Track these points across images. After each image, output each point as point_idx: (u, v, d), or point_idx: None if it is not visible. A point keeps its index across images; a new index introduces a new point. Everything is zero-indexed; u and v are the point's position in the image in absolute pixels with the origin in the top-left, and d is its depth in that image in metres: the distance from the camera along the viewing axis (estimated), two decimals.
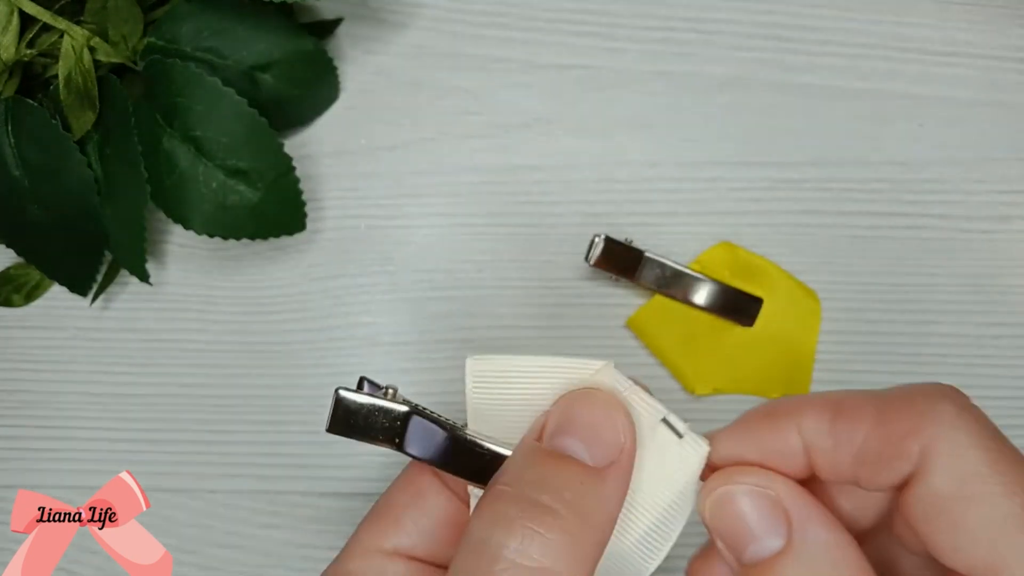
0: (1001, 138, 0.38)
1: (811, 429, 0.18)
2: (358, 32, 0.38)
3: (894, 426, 0.17)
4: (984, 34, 0.39)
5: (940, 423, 0.16)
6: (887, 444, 0.17)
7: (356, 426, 0.21)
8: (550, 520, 0.17)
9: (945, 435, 0.16)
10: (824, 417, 0.18)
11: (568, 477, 0.18)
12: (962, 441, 0.16)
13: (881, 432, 0.17)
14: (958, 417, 0.17)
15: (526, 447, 0.19)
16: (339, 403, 0.21)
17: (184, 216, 0.32)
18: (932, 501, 0.16)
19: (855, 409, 0.17)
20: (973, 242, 0.37)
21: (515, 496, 0.18)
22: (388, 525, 0.22)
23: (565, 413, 0.19)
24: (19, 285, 0.36)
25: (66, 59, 0.31)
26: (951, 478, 0.16)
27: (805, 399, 0.18)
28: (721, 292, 0.35)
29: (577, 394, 0.19)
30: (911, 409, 0.17)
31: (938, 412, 0.17)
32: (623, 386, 0.19)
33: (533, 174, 0.37)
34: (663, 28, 0.38)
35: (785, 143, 0.37)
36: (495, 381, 0.21)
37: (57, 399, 0.36)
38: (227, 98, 0.31)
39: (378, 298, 0.36)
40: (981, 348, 0.36)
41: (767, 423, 0.19)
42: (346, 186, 0.37)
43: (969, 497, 0.16)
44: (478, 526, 0.18)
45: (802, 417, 0.18)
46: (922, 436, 0.16)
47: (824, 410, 0.18)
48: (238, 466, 0.35)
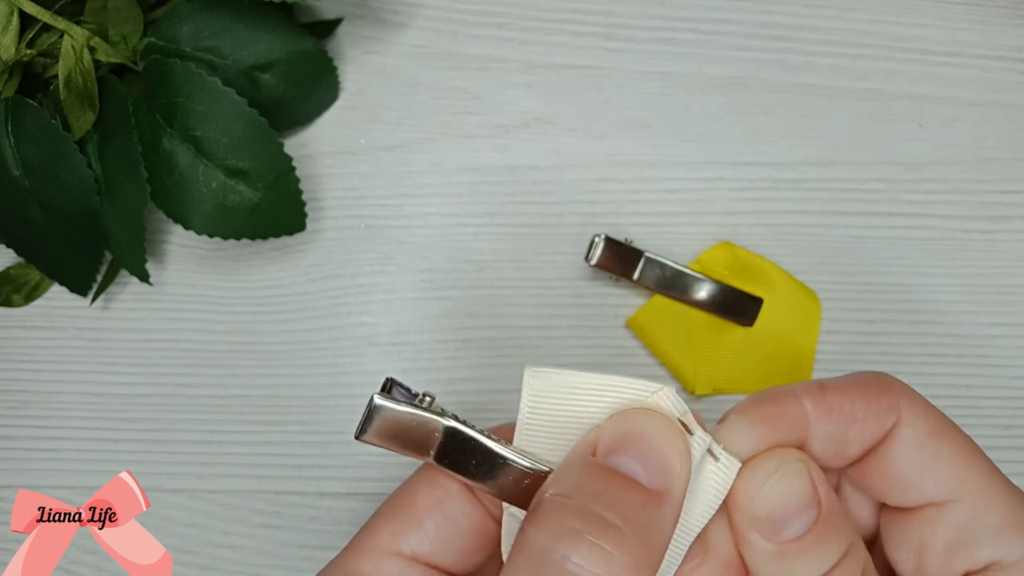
0: (1001, 138, 0.38)
1: (810, 399, 0.20)
2: (358, 32, 0.38)
3: (872, 389, 0.20)
4: (984, 34, 0.39)
5: (904, 387, 0.20)
6: (873, 402, 0.20)
7: (388, 435, 0.19)
8: (616, 537, 0.17)
9: (916, 398, 0.20)
10: (815, 389, 0.20)
11: (630, 497, 0.18)
12: (923, 401, 0.20)
13: (864, 394, 0.20)
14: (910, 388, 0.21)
15: (582, 460, 0.19)
16: (374, 411, 0.19)
17: (184, 216, 0.32)
18: (915, 440, 0.20)
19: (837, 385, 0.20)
20: (973, 242, 0.37)
21: (578, 509, 0.17)
22: (409, 527, 0.20)
23: (623, 431, 0.19)
24: (19, 285, 0.36)
25: (66, 59, 0.31)
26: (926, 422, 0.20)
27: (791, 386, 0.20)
28: (721, 292, 0.35)
29: (635, 413, 0.19)
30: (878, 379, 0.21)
31: (898, 382, 0.21)
32: (679, 411, 0.19)
33: (533, 174, 0.37)
34: (663, 28, 0.38)
35: (785, 143, 0.37)
36: (551, 397, 0.19)
37: (57, 399, 0.36)
38: (227, 98, 0.31)
39: (378, 298, 0.36)
40: (981, 348, 0.36)
41: (773, 401, 0.20)
42: (346, 186, 0.37)
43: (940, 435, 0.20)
44: (538, 535, 0.17)
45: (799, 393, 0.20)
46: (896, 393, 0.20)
47: (812, 387, 0.20)
48: (238, 466, 0.35)
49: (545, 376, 0.19)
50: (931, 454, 0.20)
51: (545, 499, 0.18)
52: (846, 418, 0.20)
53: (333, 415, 0.35)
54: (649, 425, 0.19)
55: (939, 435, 0.20)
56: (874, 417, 0.20)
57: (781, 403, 0.20)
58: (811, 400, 0.20)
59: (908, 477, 0.20)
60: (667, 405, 0.19)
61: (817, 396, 0.20)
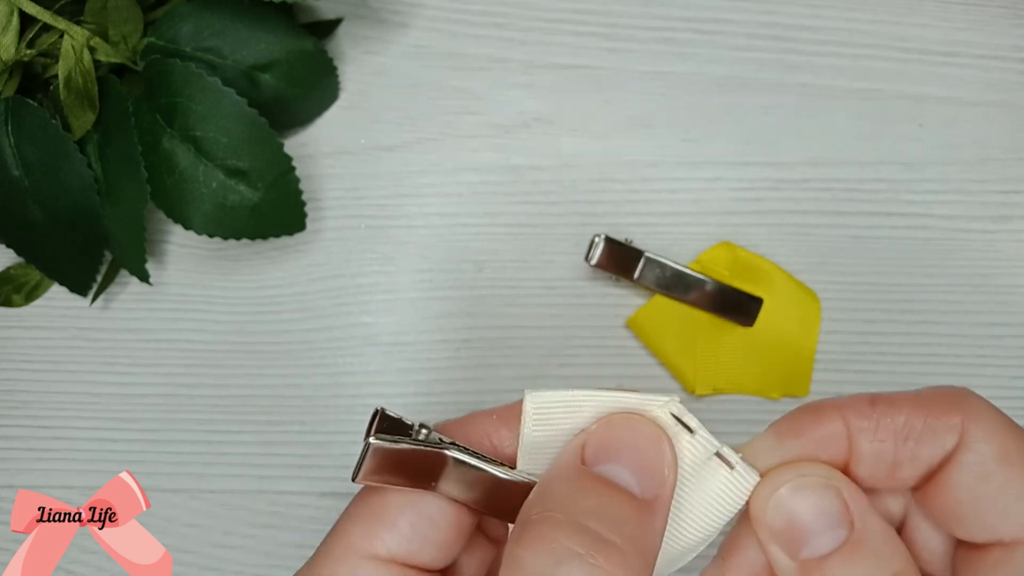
0: (1001, 138, 0.38)
1: (855, 416, 0.18)
2: (358, 32, 0.38)
3: (933, 405, 0.18)
4: (984, 34, 0.39)
5: (979, 405, 0.18)
6: (930, 418, 0.18)
7: (387, 473, 0.18)
8: (615, 556, 0.17)
9: (986, 413, 0.18)
10: (863, 403, 0.18)
11: (624, 510, 0.17)
12: (1002, 421, 0.18)
13: (923, 410, 0.18)
14: (988, 403, 0.18)
15: (572, 470, 0.18)
16: (374, 454, 0.18)
17: (184, 216, 0.32)
18: (980, 466, 0.17)
19: (891, 397, 0.18)
20: (973, 242, 0.37)
21: (574, 527, 0.17)
22: (383, 528, 0.20)
23: (611, 437, 0.18)
24: (19, 285, 0.36)
25: (66, 59, 0.31)
26: (997, 446, 0.17)
27: (838, 399, 0.19)
28: (721, 292, 0.35)
29: (622, 419, 0.19)
30: (946, 395, 0.18)
31: (974, 399, 0.18)
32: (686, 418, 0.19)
33: (533, 174, 0.37)
34: (663, 28, 0.38)
35: (785, 143, 0.37)
36: (553, 416, 0.19)
37: (57, 399, 0.36)
38: (227, 98, 0.31)
39: (378, 298, 0.36)
40: (981, 348, 0.36)
41: (811, 416, 0.19)
42: (346, 186, 0.37)
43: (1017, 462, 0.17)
44: (535, 560, 0.17)
45: (844, 408, 0.18)
46: (963, 412, 0.17)
47: (861, 400, 0.18)
48: (238, 466, 0.35)
49: (547, 396, 0.19)
50: (999, 484, 0.17)
51: (536, 517, 0.17)
52: (896, 436, 0.18)
53: (333, 415, 0.35)
54: (637, 431, 0.18)
55: (1011, 462, 0.17)
56: (930, 436, 0.18)
57: (818, 417, 0.18)
58: (856, 414, 0.18)
59: (970, 509, 0.17)
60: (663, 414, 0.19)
61: (863, 410, 0.18)
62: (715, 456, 0.19)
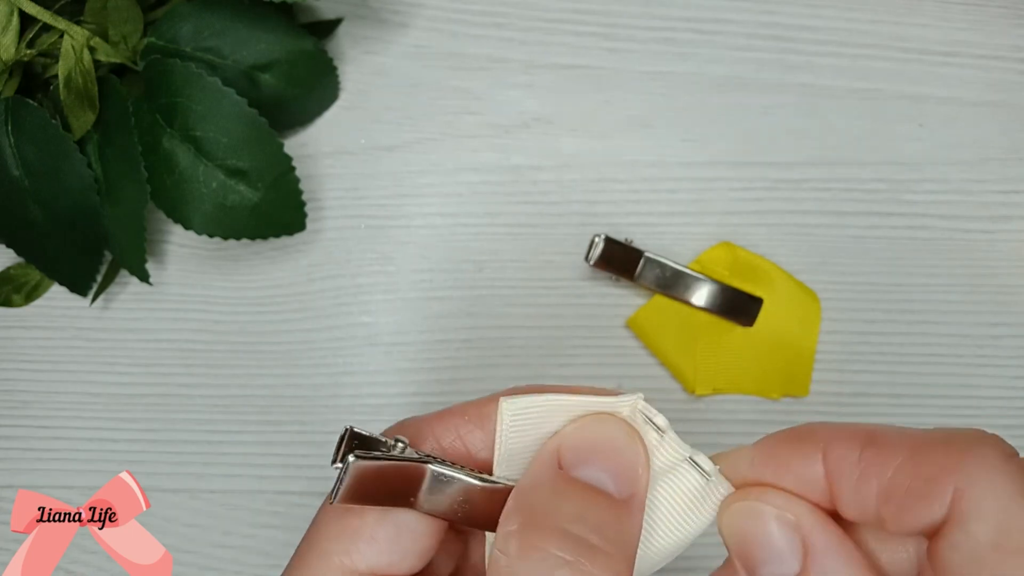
0: (1001, 138, 0.38)
1: (838, 456, 0.17)
2: (358, 32, 0.38)
3: (929, 463, 0.15)
4: (984, 34, 0.39)
5: (981, 466, 0.15)
6: (918, 481, 0.15)
7: (366, 494, 0.18)
8: (601, 560, 0.17)
9: (987, 479, 0.15)
10: (854, 445, 0.17)
11: (604, 513, 0.18)
12: (1007, 489, 0.14)
13: (914, 467, 0.15)
14: (1003, 463, 0.15)
15: (551, 475, 0.18)
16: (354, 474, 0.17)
17: (184, 216, 0.32)
18: (971, 551, 0.14)
19: (889, 441, 0.16)
20: (973, 242, 0.37)
21: (561, 535, 0.17)
22: (361, 542, 0.19)
23: (586, 440, 0.19)
24: (19, 285, 0.36)
25: (66, 59, 0.31)
26: (994, 527, 0.14)
27: (837, 426, 0.17)
28: (721, 292, 0.35)
29: (594, 422, 0.19)
30: (949, 447, 0.15)
31: (980, 455, 0.15)
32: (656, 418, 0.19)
33: (533, 174, 0.37)
34: (663, 28, 0.38)
35: (785, 143, 0.37)
36: (528, 421, 0.19)
37: (57, 399, 0.36)
38: (227, 98, 0.31)
39: (378, 298, 0.36)
40: (981, 348, 0.36)
41: (791, 446, 0.18)
42: (346, 186, 0.37)
43: (1015, 550, 0.14)
44: (527, 569, 0.17)
45: (830, 443, 0.17)
46: (959, 476, 0.15)
47: (855, 439, 0.17)
48: (237, 466, 0.35)
49: (521, 401, 0.19)
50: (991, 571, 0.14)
51: (522, 526, 0.17)
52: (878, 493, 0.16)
53: (333, 415, 0.35)
54: (610, 432, 0.19)
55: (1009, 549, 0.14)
56: (914, 503, 0.15)
57: (799, 450, 0.17)
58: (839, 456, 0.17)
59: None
60: (631, 412, 0.19)
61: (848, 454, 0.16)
62: (689, 461, 0.19)
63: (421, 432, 0.21)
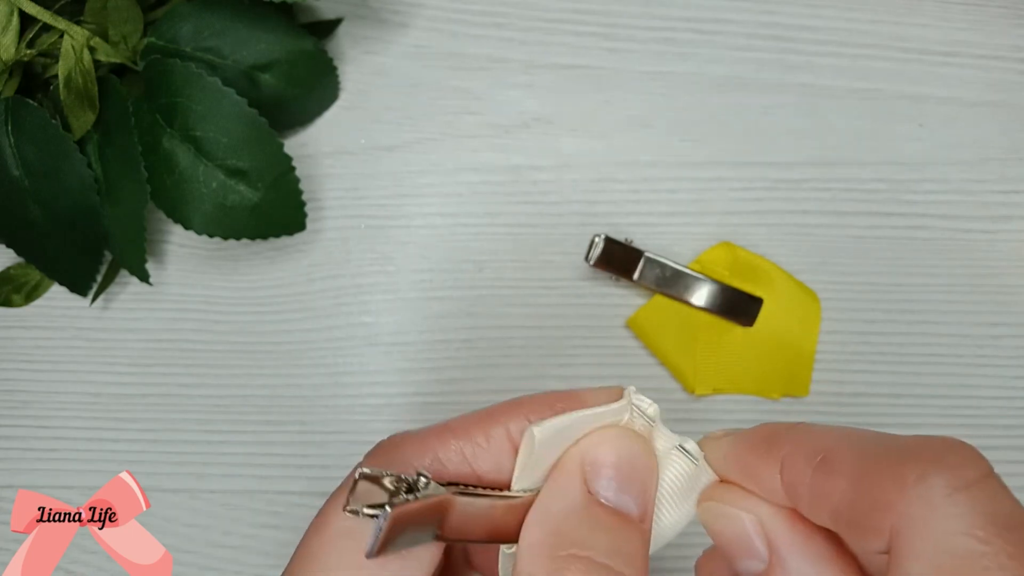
0: (1001, 138, 0.38)
1: (792, 473, 0.17)
2: (358, 32, 0.38)
3: (871, 494, 0.15)
4: (984, 34, 0.39)
5: (921, 503, 0.14)
6: (860, 513, 0.15)
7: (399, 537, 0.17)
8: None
9: (923, 520, 0.14)
10: (807, 464, 0.17)
11: (630, 538, 0.18)
12: (947, 528, 0.14)
13: (856, 496, 0.15)
14: (945, 498, 0.14)
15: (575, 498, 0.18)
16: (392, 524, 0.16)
17: (184, 216, 0.32)
18: None
19: (838, 463, 0.16)
20: (973, 242, 0.37)
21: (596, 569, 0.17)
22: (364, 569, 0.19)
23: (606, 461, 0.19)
24: (19, 285, 0.36)
25: (66, 59, 0.31)
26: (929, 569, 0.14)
27: (797, 436, 0.17)
28: (721, 292, 0.35)
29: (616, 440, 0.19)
30: (894, 476, 0.14)
31: (925, 488, 0.14)
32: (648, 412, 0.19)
33: (533, 174, 0.37)
34: (663, 28, 0.38)
35: (785, 143, 0.37)
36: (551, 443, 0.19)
37: (57, 399, 0.36)
38: (227, 98, 0.31)
39: (378, 298, 0.36)
40: (981, 348, 0.36)
41: (756, 454, 0.18)
42: (346, 186, 0.37)
43: None
44: None
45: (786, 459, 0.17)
46: (895, 514, 0.14)
47: (810, 456, 0.16)
48: (237, 466, 0.35)
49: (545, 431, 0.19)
50: None
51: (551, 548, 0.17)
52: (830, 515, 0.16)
53: (333, 415, 0.35)
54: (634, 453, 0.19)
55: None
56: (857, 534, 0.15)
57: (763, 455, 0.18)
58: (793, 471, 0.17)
59: None
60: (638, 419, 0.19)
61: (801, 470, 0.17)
62: (679, 448, 0.19)
63: (419, 450, 0.20)
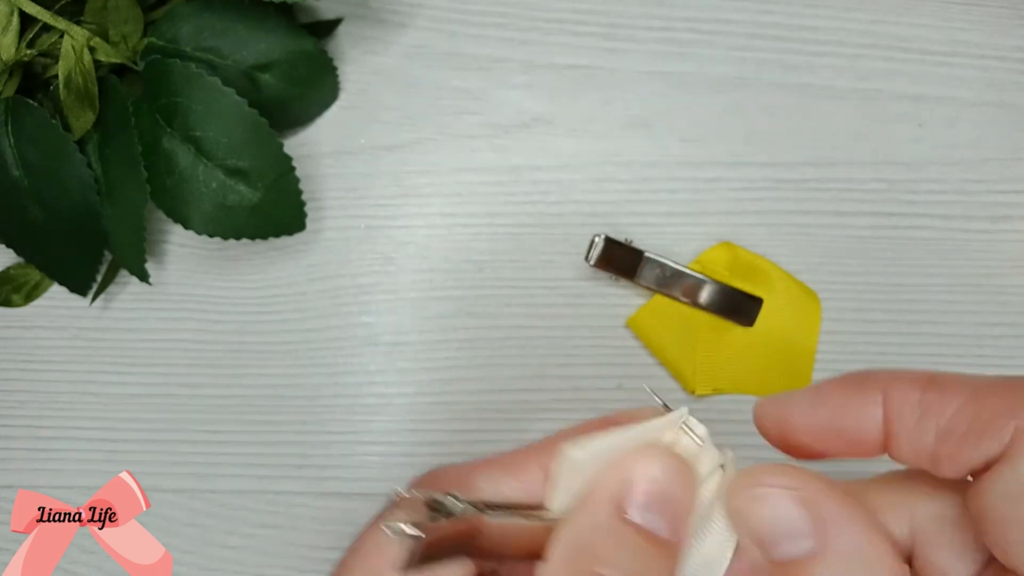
0: (1000, 138, 0.38)
1: (899, 397, 0.17)
2: (358, 32, 0.38)
3: (991, 404, 0.16)
4: (984, 34, 0.39)
5: None
6: (979, 419, 0.16)
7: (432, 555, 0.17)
8: None
9: None
10: (915, 387, 0.17)
11: (657, 561, 0.18)
12: None
13: (974, 407, 0.16)
14: None
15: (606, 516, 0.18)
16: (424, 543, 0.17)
17: (184, 216, 0.32)
18: (1012, 487, 0.15)
19: (950, 383, 0.17)
20: (972, 242, 0.37)
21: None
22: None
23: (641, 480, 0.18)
24: (19, 285, 0.36)
25: (66, 59, 0.31)
26: None
27: (896, 371, 0.18)
28: (721, 292, 0.35)
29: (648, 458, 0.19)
30: (1010, 390, 0.16)
31: None
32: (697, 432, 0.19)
33: (533, 174, 0.37)
34: (663, 28, 0.38)
35: (785, 143, 0.37)
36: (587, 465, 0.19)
37: (57, 399, 0.36)
38: (227, 98, 0.31)
39: (378, 298, 0.36)
40: (980, 348, 0.36)
41: (849, 389, 0.18)
42: (346, 186, 0.37)
43: None
44: None
45: (891, 385, 0.17)
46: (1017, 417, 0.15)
47: (915, 382, 0.17)
48: (238, 466, 0.35)
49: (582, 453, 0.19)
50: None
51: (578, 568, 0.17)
52: (937, 431, 0.16)
53: (333, 415, 0.35)
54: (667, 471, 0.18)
55: None
56: (974, 440, 0.16)
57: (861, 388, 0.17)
58: (901, 395, 0.17)
59: (995, 531, 0.16)
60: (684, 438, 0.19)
61: (910, 393, 0.17)
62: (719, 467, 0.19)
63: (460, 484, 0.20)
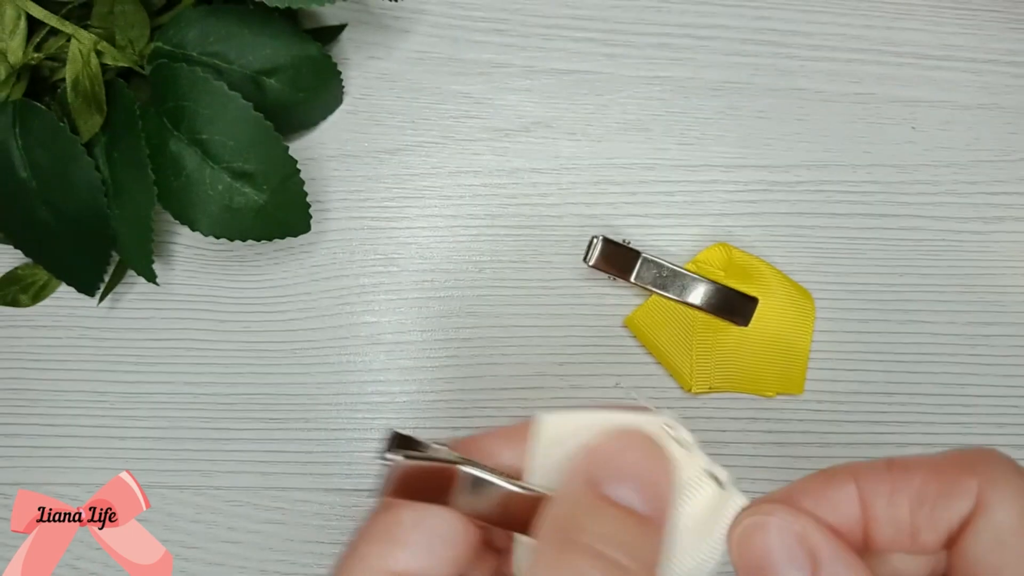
0: (993, 140, 0.38)
1: (869, 478, 0.18)
2: (361, 38, 0.39)
3: (949, 468, 0.17)
4: (976, 38, 0.39)
5: (998, 469, 0.17)
6: (944, 483, 0.17)
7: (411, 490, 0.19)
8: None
9: (1003, 476, 0.17)
10: (880, 468, 0.18)
11: (636, 533, 0.18)
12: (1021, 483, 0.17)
13: (937, 475, 0.18)
14: (1013, 466, 0.17)
15: (582, 492, 0.19)
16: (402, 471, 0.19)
17: (191, 218, 0.32)
18: (995, 536, 0.17)
19: (910, 461, 0.18)
20: (965, 243, 0.37)
21: (593, 555, 0.18)
22: (397, 547, 0.20)
23: (616, 459, 0.19)
24: (26, 285, 0.37)
25: (73, 63, 0.32)
26: (1015, 513, 0.16)
27: (858, 462, 0.19)
28: (717, 292, 0.35)
29: (621, 438, 0.20)
30: (964, 456, 0.18)
31: (995, 463, 0.17)
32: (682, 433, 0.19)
33: (533, 177, 0.37)
34: (660, 34, 0.39)
35: (780, 146, 0.38)
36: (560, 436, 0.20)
37: (64, 398, 0.36)
38: (233, 102, 0.32)
39: (380, 298, 0.37)
40: (974, 347, 0.37)
41: (823, 479, 0.19)
42: (350, 188, 0.37)
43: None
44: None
45: (859, 471, 0.19)
46: (979, 475, 0.17)
47: (878, 466, 0.18)
48: (242, 463, 0.36)
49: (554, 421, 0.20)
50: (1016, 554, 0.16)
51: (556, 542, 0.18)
52: (911, 501, 0.18)
53: (337, 413, 0.36)
54: (641, 451, 0.19)
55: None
56: (945, 501, 0.17)
57: (831, 480, 0.19)
58: (870, 479, 0.18)
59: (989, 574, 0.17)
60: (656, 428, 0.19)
61: (878, 475, 0.18)
62: (707, 473, 0.19)
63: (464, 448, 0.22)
